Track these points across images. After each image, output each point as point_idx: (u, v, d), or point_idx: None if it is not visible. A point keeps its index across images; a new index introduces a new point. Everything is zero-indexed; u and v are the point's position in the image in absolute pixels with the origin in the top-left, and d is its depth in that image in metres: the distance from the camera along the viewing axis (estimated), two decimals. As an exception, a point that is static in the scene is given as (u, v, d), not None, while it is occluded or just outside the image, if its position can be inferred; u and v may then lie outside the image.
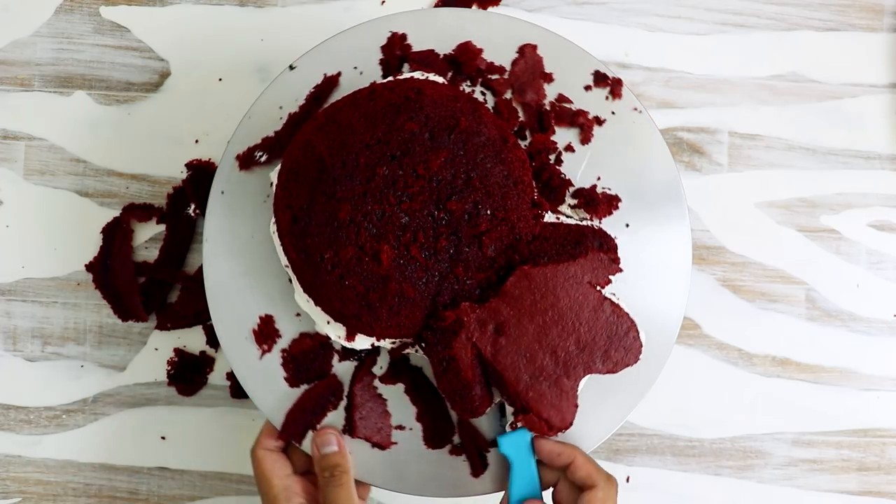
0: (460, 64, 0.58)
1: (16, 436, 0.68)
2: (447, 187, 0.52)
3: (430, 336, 0.52)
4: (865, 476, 0.68)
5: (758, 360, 0.68)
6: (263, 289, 0.57)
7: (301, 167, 0.53)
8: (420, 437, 0.57)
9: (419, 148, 0.52)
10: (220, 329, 0.57)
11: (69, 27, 0.69)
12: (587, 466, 0.52)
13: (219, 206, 0.58)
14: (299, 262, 0.53)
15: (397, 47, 0.58)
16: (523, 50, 0.58)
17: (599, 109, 0.58)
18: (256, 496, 0.67)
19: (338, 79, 0.58)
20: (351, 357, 0.58)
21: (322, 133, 0.53)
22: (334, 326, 0.55)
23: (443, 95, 0.53)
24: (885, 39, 0.70)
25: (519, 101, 0.58)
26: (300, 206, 0.52)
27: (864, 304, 0.69)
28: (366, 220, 0.51)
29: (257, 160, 0.58)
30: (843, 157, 0.69)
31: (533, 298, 0.52)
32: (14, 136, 0.68)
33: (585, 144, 0.58)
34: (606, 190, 0.57)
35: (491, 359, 0.52)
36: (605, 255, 0.53)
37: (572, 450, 0.53)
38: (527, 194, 0.54)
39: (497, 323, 0.52)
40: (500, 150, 0.53)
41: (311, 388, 0.57)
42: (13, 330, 0.68)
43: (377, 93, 0.53)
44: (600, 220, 0.57)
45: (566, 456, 0.53)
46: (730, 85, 0.69)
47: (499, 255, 0.53)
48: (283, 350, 0.57)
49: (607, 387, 0.56)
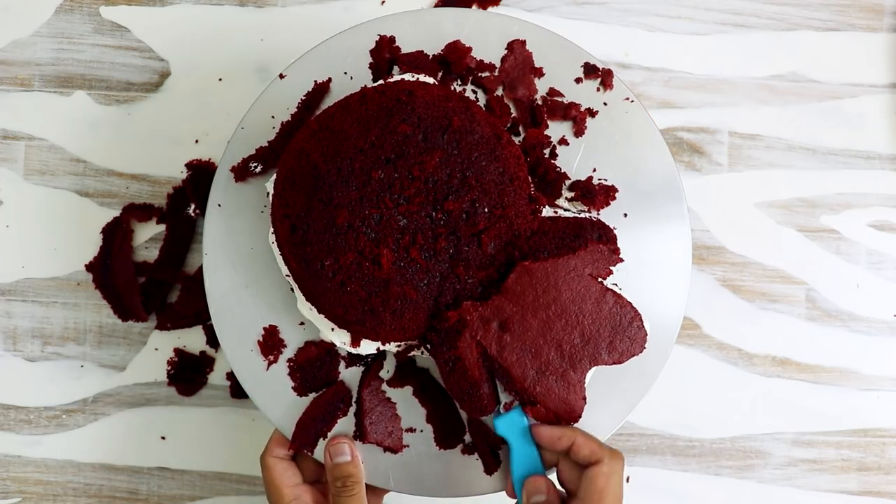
0: (450, 63, 0.58)
1: (16, 436, 0.68)
2: (443, 188, 0.52)
3: (435, 337, 0.52)
4: (865, 476, 0.68)
5: (758, 360, 0.68)
6: (266, 300, 0.57)
7: (296, 175, 0.53)
8: (431, 438, 0.57)
9: (413, 150, 0.52)
10: (224, 342, 0.57)
11: (69, 27, 0.69)
12: (589, 444, 0.52)
13: (217, 218, 0.58)
14: (300, 270, 0.52)
15: (386, 50, 0.58)
16: (512, 46, 0.58)
17: (591, 101, 0.58)
18: (256, 496, 0.67)
19: (328, 85, 0.58)
20: (357, 363, 0.58)
21: (315, 140, 0.53)
22: (339, 333, 0.55)
23: (434, 96, 0.53)
24: (885, 39, 0.70)
25: (510, 97, 0.58)
26: (298, 214, 0.52)
27: (864, 304, 0.69)
28: (364, 224, 0.51)
29: (252, 171, 0.58)
30: (843, 157, 0.69)
31: (535, 294, 0.52)
32: (14, 136, 0.68)
33: (579, 137, 0.58)
34: (603, 181, 0.57)
35: (496, 356, 0.52)
36: (604, 246, 0.53)
37: (572, 432, 0.53)
38: (523, 190, 0.54)
39: (500, 320, 0.52)
40: (494, 147, 0.53)
41: (320, 395, 0.57)
42: (13, 330, 0.68)
43: (368, 97, 0.53)
44: (598, 212, 0.57)
45: (566, 439, 0.52)
46: (730, 85, 0.69)
47: (499, 253, 0.53)
48: (289, 360, 0.57)
49: (605, 387, 0.56)
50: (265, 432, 0.67)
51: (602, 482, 0.50)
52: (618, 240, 0.54)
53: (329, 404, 0.57)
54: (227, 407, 0.67)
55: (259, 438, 0.67)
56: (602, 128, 0.58)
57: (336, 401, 0.57)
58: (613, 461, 0.51)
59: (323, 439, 0.56)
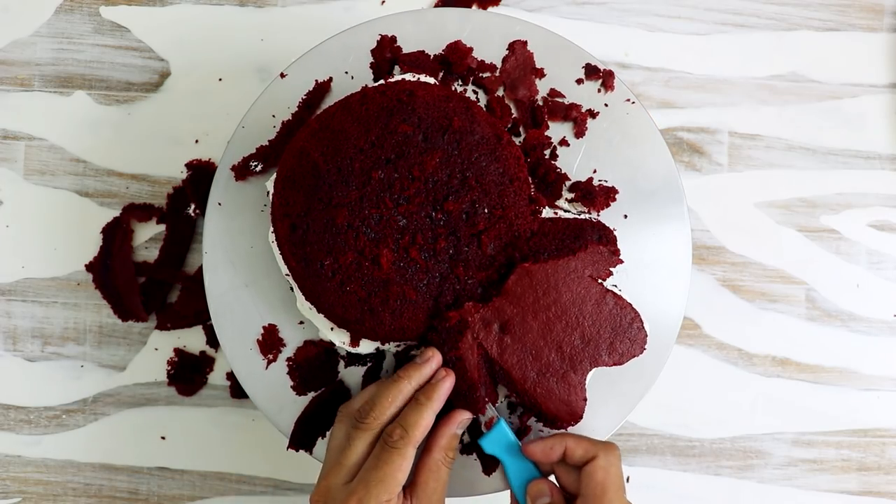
0: (451, 63, 0.58)
1: (16, 436, 0.68)
2: (443, 188, 0.52)
3: (436, 337, 0.52)
4: (865, 476, 0.68)
5: (758, 360, 0.68)
6: (265, 299, 0.57)
7: (296, 175, 0.53)
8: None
9: (413, 150, 0.52)
10: (224, 341, 0.57)
11: (69, 27, 0.69)
12: (581, 445, 0.51)
13: (217, 217, 0.58)
14: (299, 269, 0.53)
15: (387, 50, 0.58)
16: (513, 46, 0.58)
17: (592, 102, 0.58)
18: (256, 496, 0.67)
19: (329, 84, 0.58)
20: (357, 362, 0.58)
21: (316, 139, 0.53)
22: (338, 332, 0.55)
23: (435, 96, 0.53)
24: (885, 39, 0.70)
25: (511, 97, 0.58)
26: (298, 213, 0.52)
27: (864, 304, 0.69)
28: (364, 224, 0.51)
29: (252, 170, 0.58)
30: (843, 157, 0.69)
31: (535, 295, 0.52)
32: (14, 136, 0.68)
33: (580, 138, 0.58)
34: (603, 182, 0.57)
35: (497, 358, 0.52)
36: (604, 247, 0.53)
37: (561, 438, 0.52)
38: (523, 191, 0.54)
39: (501, 322, 0.52)
40: (494, 147, 0.53)
41: (319, 395, 0.57)
42: (13, 330, 0.68)
43: (369, 97, 0.53)
44: (598, 213, 0.57)
45: (558, 447, 0.52)
46: (730, 85, 0.69)
47: (499, 254, 0.53)
48: (288, 359, 0.57)
49: (605, 387, 0.56)
50: (265, 432, 0.67)
51: (601, 475, 0.50)
52: (618, 241, 0.54)
53: (328, 404, 0.57)
54: (227, 407, 0.67)
55: (259, 438, 0.67)
56: (603, 129, 0.58)
57: (335, 400, 0.57)
58: (608, 453, 0.51)
59: (322, 439, 0.56)
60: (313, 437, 0.56)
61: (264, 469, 0.67)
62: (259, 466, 0.67)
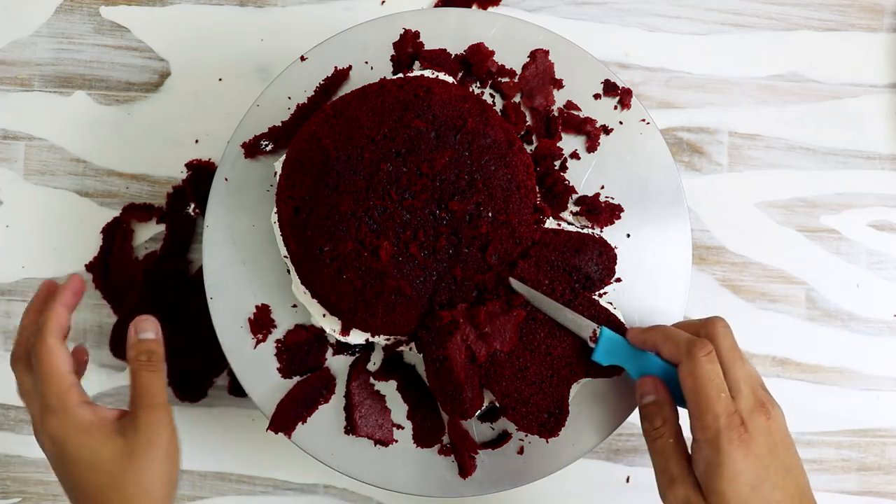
0: (471, 65, 0.58)
1: (16, 436, 0.68)
2: (450, 187, 0.52)
3: (426, 335, 0.53)
4: (865, 476, 0.68)
5: (758, 360, 0.68)
6: (261, 278, 0.57)
7: (306, 158, 0.53)
8: (409, 435, 0.57)
9: (424, 146, 0.52)
10: (216, 316, 0.57)
11: (69, 27, 0.69)
12: (667, 346, 0.50)
13: (222, 193, 0.58)
14: (298, 253, 0.53)
15: (409, 44, 0.58)
16: (535, 55, 0.59)
17: (607, 118, 0.58)
18: (256, 496, 0.67)
19: (348, 72, 0.59)
20: (345, 351, 0.58)
21: (329, 126, 0.53)
22: (330, 320, 0.55)
23: (451, 95, 0.53)
24: (885, 39, 0.70)
25: (528, 105, 0.58)
26: (303, 197, 0.52)
27: (864, 304, 0.69)
28: (367, 215, 0.52)
29: (263, 149, 0.58)
30: (843, 157, 0.69)
31: None
32: (14, 136, 0.68)
33: (591, 152, 0.58)
34: (609, 199, 0.58)
35: (484, 362, 0.52)
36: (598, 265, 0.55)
37: (653, 332, 0.51)
38: (529, 199, 0.54)
39: (491, 327, 0.52)
40: (505, 153, 0.53)
41: (304, 380, 0.57)
42: (13, 330, 0.68)
43: (386, 88, 0.53)
44: (601, 229, 0.57)
45: (650, 342, 0.51)
46: (730, 85, 0.69)
47: (499, 262, 0.53)
48: (277, 340, 0.57)
49: (605, 387, 0.56)
50: (265, 432, 0.67)
51: (689, 383, 0.48)
52: (618, 252, 0.55)
53: (312, 389, 0.57)
54: (226, 407, 0.67)
55: (259, 438, 0.67)
56: (615, 146, 0.58)
57: (319, 386, 0.57)
58: (689, 359, 0.48)
59: (302, 424, 0.56)
60: (294, 421, 0.56)
61: (264, 469, 0.67)
62: (259, 466, 0.67)
